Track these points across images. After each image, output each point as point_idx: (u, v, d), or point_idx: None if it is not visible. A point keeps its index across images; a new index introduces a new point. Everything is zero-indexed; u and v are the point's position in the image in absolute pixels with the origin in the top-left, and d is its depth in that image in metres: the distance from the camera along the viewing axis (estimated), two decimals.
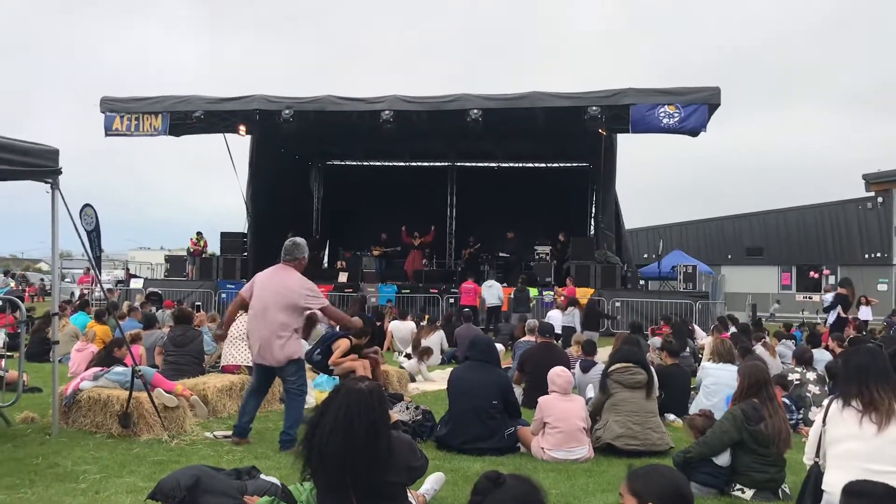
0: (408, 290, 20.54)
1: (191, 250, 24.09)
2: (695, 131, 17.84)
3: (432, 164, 26.95)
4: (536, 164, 26.45)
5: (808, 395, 8.09)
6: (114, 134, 19.89)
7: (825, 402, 4.40)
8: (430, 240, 23.49)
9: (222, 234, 22.84)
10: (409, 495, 3.98)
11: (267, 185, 23.17)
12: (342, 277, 21.76)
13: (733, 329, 13.08)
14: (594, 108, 17.80)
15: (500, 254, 22.58)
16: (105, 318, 11.79)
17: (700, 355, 11.71)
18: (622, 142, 21.82)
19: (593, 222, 24.05)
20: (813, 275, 33.51)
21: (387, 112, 18.67)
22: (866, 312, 19.82)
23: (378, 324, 14.00)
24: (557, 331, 13.46)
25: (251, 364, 6.85)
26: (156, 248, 67.57)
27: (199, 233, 24.11)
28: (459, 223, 26.01)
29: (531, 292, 18.60)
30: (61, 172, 6.48)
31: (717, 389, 7.52)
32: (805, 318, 26.56)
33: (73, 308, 14.96)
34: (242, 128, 21.28)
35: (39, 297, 31.88)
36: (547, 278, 20.47)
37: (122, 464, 5.62)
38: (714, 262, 33.29)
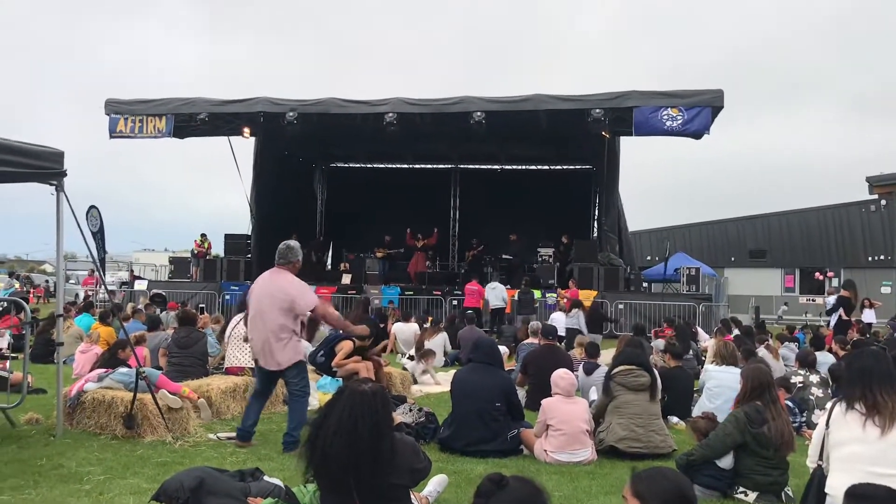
0: (411, 292, 20.54)
1: (195, 252, 24.13)
2: (698, 134, 17.83)
3: (436, 166, 27.00)
4: (539, 167, 26.43)
5: (811, 397, 8.08)
6: (118, 136, 19.95)
7: (829, 405, 4.39)
8: (433, 242, 23.50)
9: (226, 236, 22.87)
10: (412, 497, 3.99)
11: (271, 187, 23.21)
12: (346, 279, 21.81)
13: (736, 331, 13.08)
14: (597, 111, 17.81)
15: (503, 256, 22.56)
16: (109, 319, 11.82)
17: (703, 358, 11.71)
18: (625, 144, 21.84)
19: (596, 225, 24.03)
20: (818, 276, 33.42)
21: (390, 114, 18.71)
22: (870, 315, 19.78)
23: (381, 325, 14.01)
24: (561, 333, 13.46)
25: (255, 366, 6.88)
26: (160, 250, 67.76)
27: (203, 234, 24.17)
28: (463, 225, 26.02)
29: (535, 294, 18.61)
30: (66, 174, 6.50)
31: (720, 392, 7.50)
32: (808, 320, 26.50)
33: (78, 310, 14.98)
34: (247, 130, 21.33)
35: (44, 298, 31.97)
36: (550, 280, 20.46)
37: (125, 465, 5.63)
38: (717, 264, 33.26)
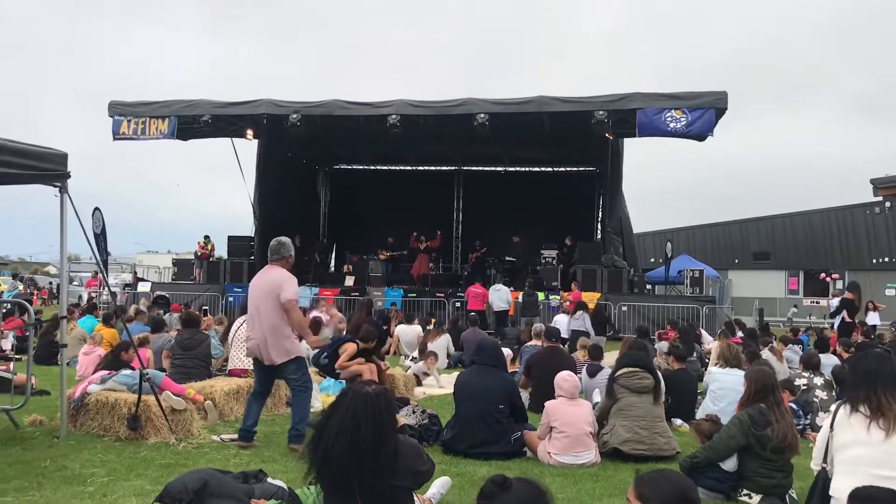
0: (414, 294, 20.56)
1: (198, 254, 24.20)
2: (701, 136, 17.83)
3: (439, 168, 27.04)
4: (543, 168, 26.43)
5: (815, 399, 8.05)
6: (121, 138, 20.00)
7: (833, 408, 4.38)
8: (436, 244, 23.51)
9: (229, 238, 22.93)
10: (415, 499, 3.98)
11: (274, 188, 23.24)
12: (349, 281, 21.84)
13: (740, 334, 13.05)
14: (601, 113, 17.81)
15: (506, 258, 22.55)
16: (113, 321, 11.84)
17: (707, 360, 11.68)
18: (628, 146, 21.81)
19: (600, 226, 24.02)
20: (823, 277, 33.33)
21: (393, 116, 18.72)
22: (874, 318, 19.72)
23: (384, 327, 14.02)
24: (564, 335, 13.44)
25: (253, 366, 6.88)
26: (163, 252, 67.88)
27: (206, 236, 24.23)
28: (466, 227, 26.06)
29: (539, 296, 18.59)
30: (70, 176, 6.50)
31: (723, 394, 7.47)
32: (812, 322, 26.45)
33: (81, 311, 15.01)
34: (250, 132, 21.36)
35: (48, 300, 32.04)
36: (553, 282, 20.46)
37: (129, 467, 5.63)
38: (721, 266, 33.21)
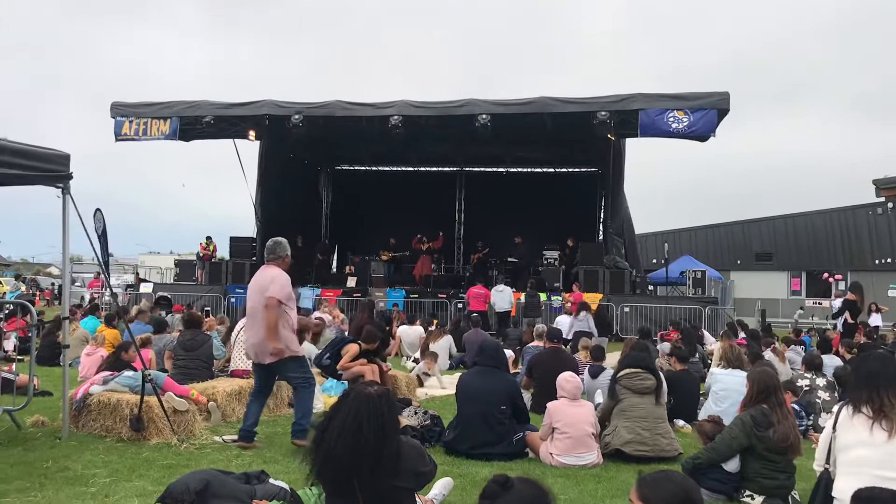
0: (416, 295, 20.56)
1: (200, 254, 24.23)
2: (703, 136, 17.80)
3: (441, 168, 27.03)
4: (545, 169, 26.42)
5: (817, 400, 8.04)
6: (123, 139, 19.99)
7: (835, 409, 4.38)
8: (438, 245, 23.51)
9: (231, 239, 22.92)
10: (417, 500, 3.98)
11: (276, 189, 23.26)
12: (351, 282, 21.85)
13: (743, 335, 13.04)
14: (602, 113, 17.79)
15: (508, 259, 22.55)
16: (115, 322, 11.84)
17: (709, 361, 11.67)
18: (630, 147, 21.79)
19: (602, 227, 24.01)
20: (825, 277, 33.28)
21: (395, 117, 18.72)
22: (876, 319, 19.70)
23: (386, 328, 14.01)
24: (567, 336, 13.44)
25: (252, 366, 6.88)
26: (165, 253, 67.99)
27: (208, 237, 24.26)
28: (468, 228, 26.05)
29: (541, 297, 18.59)
30: (72, 177, 6.51)
31: (725, 395, 7.47)
32: (815, 323, 26.40)
33: (84, 312, 15.02)
34: (252, 133, 21.35)
35: (50, 301, 32.07)
36: (555, 283, 20.44)
37: (131, 468, 5.64)
38: (723, 267, 33.19)
